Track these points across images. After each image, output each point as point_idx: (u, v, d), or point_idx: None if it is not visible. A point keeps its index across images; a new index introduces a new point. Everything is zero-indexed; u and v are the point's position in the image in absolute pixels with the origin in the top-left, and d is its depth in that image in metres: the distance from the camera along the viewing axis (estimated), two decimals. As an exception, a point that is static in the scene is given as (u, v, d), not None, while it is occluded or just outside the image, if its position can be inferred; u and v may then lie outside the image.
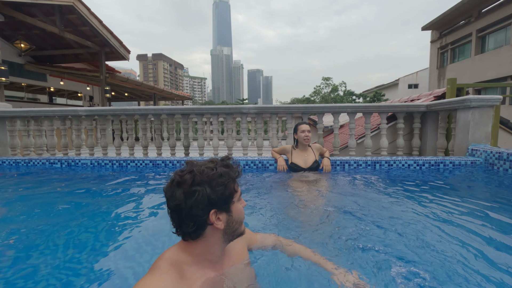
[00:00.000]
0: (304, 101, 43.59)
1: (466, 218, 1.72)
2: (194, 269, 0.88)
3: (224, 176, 0.90)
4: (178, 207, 0.86)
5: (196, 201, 0.85)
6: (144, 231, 1.64)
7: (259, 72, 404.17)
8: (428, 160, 3.26)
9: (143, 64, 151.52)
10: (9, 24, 7.86)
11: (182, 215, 0.86)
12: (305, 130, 2.96)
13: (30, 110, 4.22)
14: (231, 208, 0.93)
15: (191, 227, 0.87)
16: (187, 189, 0.85)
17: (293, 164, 3.02)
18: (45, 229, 1.72)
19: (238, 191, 0.96)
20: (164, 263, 0.85)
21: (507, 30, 13.93)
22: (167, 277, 0.81)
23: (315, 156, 3.02)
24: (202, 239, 0.91)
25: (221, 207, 0.90)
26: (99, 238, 1.62)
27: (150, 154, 4.28)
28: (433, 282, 1.06)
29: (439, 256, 1.26)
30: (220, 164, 0.93)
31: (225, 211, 0.92)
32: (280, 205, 2.12)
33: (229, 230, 0.94)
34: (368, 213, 1.85)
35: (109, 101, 14.28)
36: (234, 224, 0.94)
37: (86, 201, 2.38)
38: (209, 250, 0.92)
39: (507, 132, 5.42)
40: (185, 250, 0.91)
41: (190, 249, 0.91)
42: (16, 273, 1.23)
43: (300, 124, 3.00)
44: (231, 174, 0.92)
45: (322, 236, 1.52)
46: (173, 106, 4.11)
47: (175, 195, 0.86)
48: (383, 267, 1.17)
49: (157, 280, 0.79)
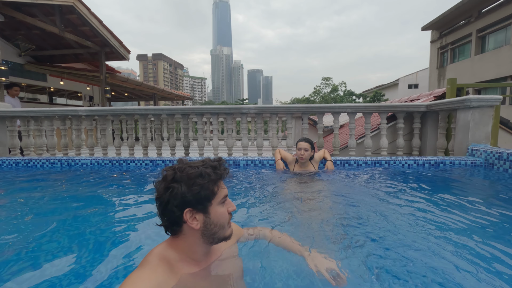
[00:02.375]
0: (304, 101, 43.58)
1: (466, 218, 1.72)
2: (181, 264, 0.91)
3: (204, 177, 0.90)
4: (158, 200, 0.92)
5: (171, 198, 0.88)
6: (143, 230, 1.64)
7: (259, 72, 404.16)
8: (428, 160, 3.26)
9: (143, 64, 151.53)
10: (9, 24, 7.86)
11: (161, 208, 0.92)
12: (301, 149, 2.89)
13: (30, 110, 4.22)
14: (209, 209, 0.92)
15: (165, 221, 0.92)
16: (166, 185, 0.90)
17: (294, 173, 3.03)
18: (45, 228, 1.72)
19: (220, 194, 0.94)
20: (154, 258, 0.88)
21: (507, 30, 13.93)
22: (157, 270, 0.84)
23: (315, 169, 3.04)
24: (183, 236, 0.94)
25: (196, 207, 0.90)
26: (99, 238, 1.62)
27: (150, 154, 4.28)
28: (432, 283, 1.06)
29: (439, 255, 1.25)
30: (208, 164, 0.94)
31: (202, 212, 0.91)
32: (279, 204, 2.12)
33: (207, 232, 0.92)
34: (368, 213, 1.85)
35: (109, 101, 14.28)
36: (212, 227, 0.92)
37: (86, 201, 2.38)
38: (191, 249, 0.94)
39: (507, 132, 5.42)
40: (172, 246, 0.94)
41: (175, 245, 0.94)
42: (16, 273, 1.23)
43: (300, 141, 2.94)
44: (212, 175, 0.91)
45: (316, 232, 1.52)
46: (173, 106, 4.11)
47: (158, 188, 0.92)
48: (379, 265, 1.17)
49: (148, 273, 0.82)
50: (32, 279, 1.18)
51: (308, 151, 2.88)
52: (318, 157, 3.14)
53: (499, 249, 1.32)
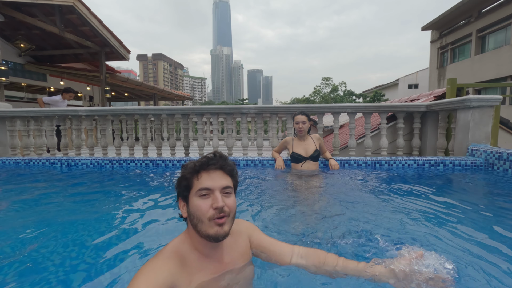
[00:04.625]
0: (304, 101, 43.57)
1: (466, 218, 1.72)
2: (193, 257, 0.94)
3: (186, 167, 0.97)
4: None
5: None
6: (143, 229, 1.64)
7: (259, 72, 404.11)
8: (428, 160, 3.26)
9: (143, 64, 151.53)
10: (9, 24, 7.85)
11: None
12: (299, 122, 2.99)
13: (30, 110, 4.22)
14: (188, 199, 0.96)
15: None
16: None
17: (294, 153, 3.03)
18: (45, 229, 1.73)
19: (197, 185, 0.92)
20: (169, 250, 0.92)
21: (507, 30, 13.93)
22: (169, 262, 0.87)
23: (315, 145, 3.05)
24: (189, 225, 0.98)
25: (182, 196, 0.98)
26: (98, 238, 1.62)
27: (150, 154, 4.27)
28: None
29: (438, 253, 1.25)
30: (204, 156, 0.99)
31: (184, 201, 0.98)
32: (279, 203, 2.12)
33: (192, 222, 0.94)
34: (368, 212, 1.85)
35: (109, 101, 14.27)
36: (192, 217, 0.93)
37: (86, 202, 2.38)
38: (197, 239, 0.96)
39: (507, 132, 5.42)
40: (187, 238, 0.98)
41: (189, 236, 0.98)
42: (16, 272, 1.23)
43: (296, 115, 3.04)
44: (193, 166, 0.95)
45: (322, 235, 1.52)
46: (173, 106, 4.11)
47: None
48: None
49: (161, 264, 0.85)
50: (31, 279, 1.18)
51: (305, 123, 3.00)
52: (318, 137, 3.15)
53: (499, 249, 1.32)
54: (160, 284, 0.79)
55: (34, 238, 1.60)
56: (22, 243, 1.54)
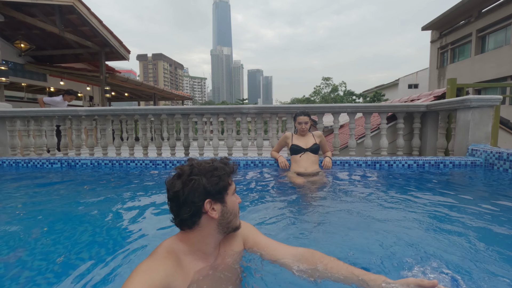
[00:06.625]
0: (304, 101, 43.56)
1: (466, 218, 1.72)
2: (189, 258, 0.95)
3: (219, 170, 0.99)
4: (176, 194, 0.94)
5: (193, 189, 0.93)
6: (143, 229, 1.64)
7: (259, 72, 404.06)
8: (428, 160, 3.26)
9: (143, 64, 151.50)
10: (9, 24, 7.85)
11: (180, 201, 0.94)
12: (302, 122, 3.01)
13: (30, 110, 4.22)
14: (225, 199, 1.00)
15: (187, 213, 0.94)
16: (185, 179, 0.94)
17: (294, 145, 3.03)
18: (45, 229, 1.72)
19: (233, 186, 1.04)
20: (163, 250, 0.92)
21: (507, 30, 13.93)
22: (165, 262, 0.87)
23: (314, 140, 3.06)
24: (198, 228, 0.97)
25: (215, 197, 0.97)
26: (98, 238, 1.62)
27: (150, 154, 4.27)
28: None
29: (437, 256, 1.25)
30: (218, 161, 1.02)
31: (219, 201, 0.98)
32: (279, 204, 2.12)
33: (223, 221, 0.99)
34: (367, 211, 1.85)
35: (109, 101, 14.25)
36: (228, 215, 1.00)
37: (86, 202, 2.38)
38: (204, 240, 0.98)
39: (507, 132, 5.42)
40: (182, 240, 0.98)
41: (186, 239, 0.98)
42: (15, 272, 1.23)
43: (299, 116, 3.05)
44: (226, 169, 1.01)
45: (323, 235, 1.52)
46: (173, 106, 4.11)
47: (175, 184, 0.95)
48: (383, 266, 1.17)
49: (157, 264, 0.86)
50: (31, 279, 1.18)
51: (308, 123, 3.04)
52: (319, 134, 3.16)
53: (499, 249, 1.32)
54: (155, 284, 0.79)
55: (34, 238, 1.60)
56: (21, 242, 1.55)
